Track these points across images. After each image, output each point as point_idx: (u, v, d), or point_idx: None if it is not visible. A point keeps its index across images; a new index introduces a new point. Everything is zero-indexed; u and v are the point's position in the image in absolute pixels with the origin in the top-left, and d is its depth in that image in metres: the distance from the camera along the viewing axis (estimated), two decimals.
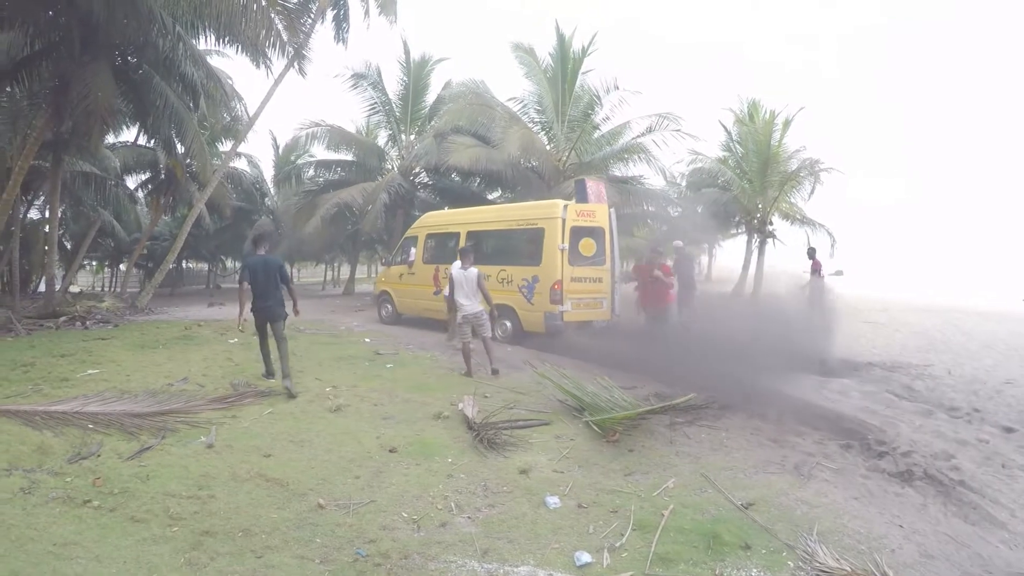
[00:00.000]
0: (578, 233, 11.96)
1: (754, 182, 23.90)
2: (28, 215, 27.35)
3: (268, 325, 8.83)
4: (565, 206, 12.01)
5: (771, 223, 24.89)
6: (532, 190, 22.01)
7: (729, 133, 26.75)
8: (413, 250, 15.47)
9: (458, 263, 10.00)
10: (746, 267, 26.68)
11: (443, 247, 14.52)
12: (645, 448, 6.39)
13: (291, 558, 4.17)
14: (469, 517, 4.87)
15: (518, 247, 11.64)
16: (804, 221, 26.43)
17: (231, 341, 12.22)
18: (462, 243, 13.22)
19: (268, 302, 8.67)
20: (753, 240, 26.53)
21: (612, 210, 12.81)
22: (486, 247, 12.88)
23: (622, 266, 14.00)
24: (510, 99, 21.79)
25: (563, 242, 11.67)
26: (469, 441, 6.48)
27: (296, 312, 9.20)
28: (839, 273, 40.02)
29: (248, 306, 8.70)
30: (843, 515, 4.85)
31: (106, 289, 38.17)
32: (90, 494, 5.04)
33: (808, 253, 15.27)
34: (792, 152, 24.06)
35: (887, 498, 5.26)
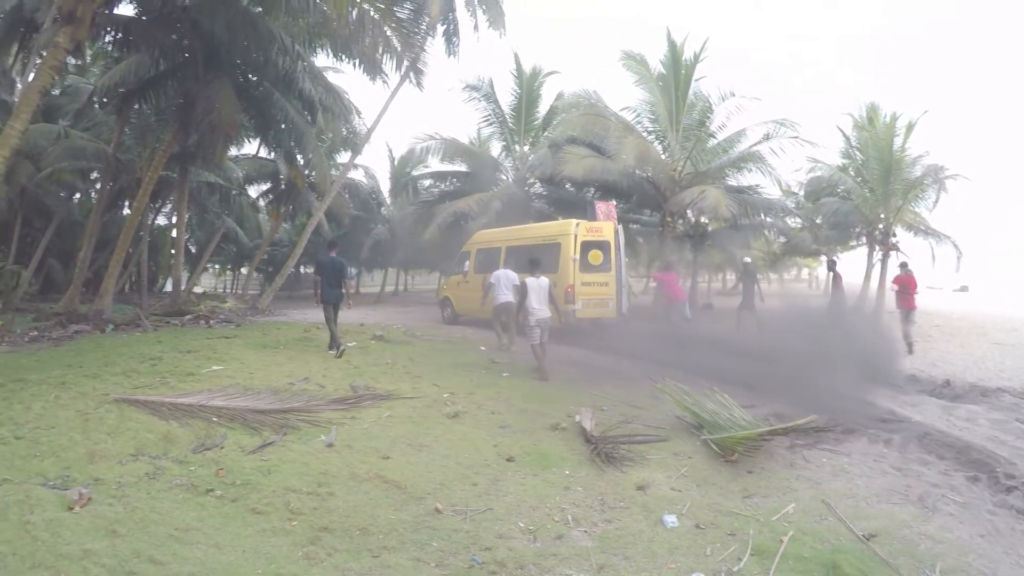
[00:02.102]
0: (587, 246, 14.32)
1: (875, 190, 22.62)
2: (155, 221, 28.97)
3: (333, 309, 11.65)
4: (577, 224, 14.55)
5: (894, 234, 23.46)
6: (647, 200, 21.60)
7: (848, 139, 25.48)
8: (467, 263, 18.33)
9: (508, 275, 12.38)
10: (867, 280, 25.25)
11: (489, 260, 16.65)
12: (764, 470, 6.02)
13: (407, 560, 4.08)
14: (585, 531, 4.66)
15: (542, 258, 12.56)
16: (928, 232, 24.65)
17: (349, 344, 12.33)
18: (503, 257, 15.66)
19: (333, 291, 11.66)
20: (874, 252, 25.16)
21: (620, 227, 15.22)
22: (519, 259, 14.16)
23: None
24: (623, 109, 21.39)
25: (575, 253, 14.10)
26: (586, 454, 6.24)
27: (348, 306, 12.49)
28: (963, 289, 37.39)
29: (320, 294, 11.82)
30: (968, 553, 4.39)
31: (227, 291, 39.87)
32: (212, 483, 5.08)
33: (901, 266, 15.40)
34: (915, 158, 22.64)
35: (1015, 536, 4.72)
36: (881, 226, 23.29)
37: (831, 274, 15.27)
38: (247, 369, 9.51)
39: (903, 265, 15.47)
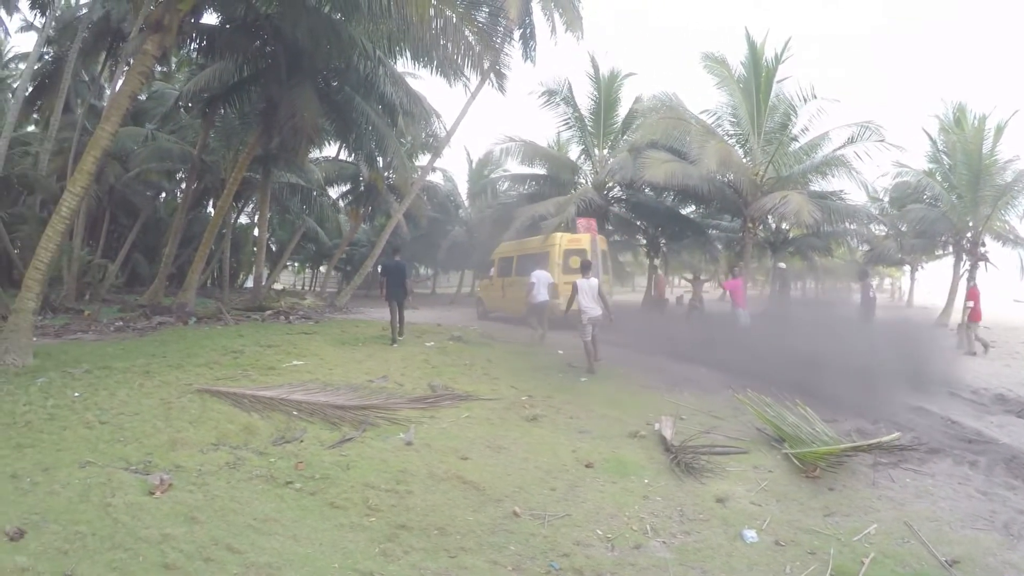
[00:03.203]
0: (569, 253, 17.05)
1: (964, 197, 21.48)
2: (238, 220, 29.79)
3: (397, 305, 12.82)
4: (561, 236, 17.72)
5: (983, 244, 22.21)
6: (728, 205, 21.03)
7: (934, 142, 24.33)
8: (492, 269, 21.37)
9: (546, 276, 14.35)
10: (953, 292, 24.04)
11: (506, 266, 20.25)
12: (846, 488, 5.69)
13: (484, 562, 3.98)
14: (664, 542, 4.49)
15: (538, 264, 15.88)
16: (1017, 242, 23.25)
17: (427, 344, 12.35)
18: (515, 264, 19.45)
19: (396, 290, 12.98)
20: (962, 262, 23.92)
21: (598, 238, 17.78)
22: (524, 265, 17.93)
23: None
24: (703, 112, 20.78)
25: (559, 259, 17.00)
26: (666, 463, 5.99)
27: (409, 303, 13.82)
28: (1019, 302, 35.10)
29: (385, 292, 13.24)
30: None
31: (306, 288, 40.69)
32: (292, 476, 5.07)
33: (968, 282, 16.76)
34: (1005, 162, 21.33)
35: None
36: (969, 234, 22.14)
37: (862, 284, 15.14)
38: (326, 365, 9.54)
39: (972, 279, 16.48)
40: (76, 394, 6.86)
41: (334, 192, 32.08)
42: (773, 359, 10.55)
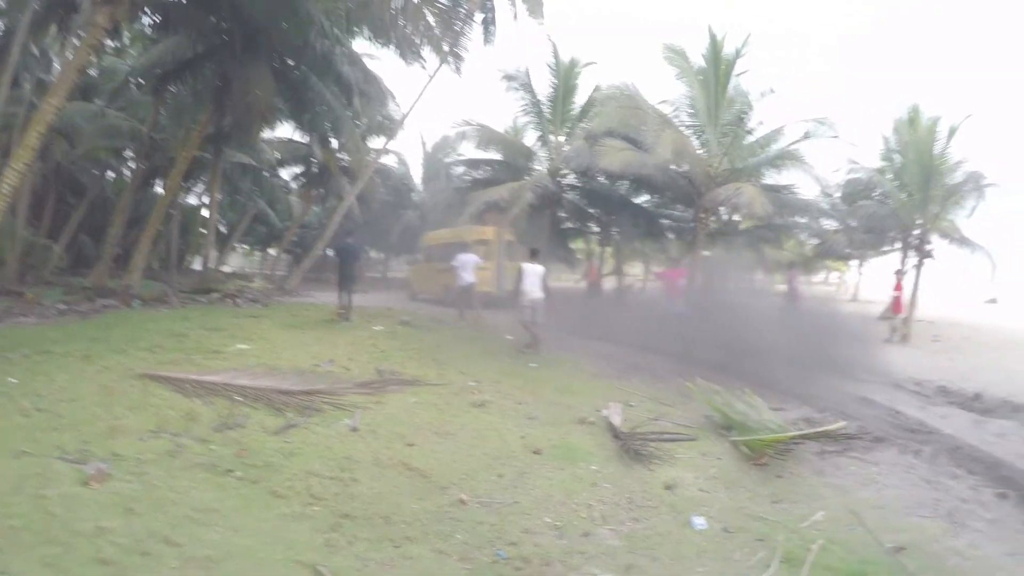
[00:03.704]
0: (476, 243, 19.63)
1: (914, 195, 21.95)
2: (186, 200, 29.16)
3: (348, 288, 13.32)
4: (472, 228, 20.63)
5: (930, 241, 22.77)
6: (681, 195, 21.15)
7: (887, 141, 24.76)
8: (419, 256, 24.24)
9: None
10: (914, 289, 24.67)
11: (432, 254, 22.93)
12: (793, 475, 5.85)
13: (430, 551, 3.97)
14: (613, 529, 4.56)
15: (456, 251, 17.09)
16: (962, 241, 23.85)
17: (376, 328, 12.23)
18: (439, 252, 21.74)
19: (348, 272, 13.50)
20: (906, 259, 24.53)
21: (497, 231, 20.92)
22: (445, 253, 19.83)
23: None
24: (661, 102, 20.70)
25: (471, 249, 17.97)
26: (614, 450, 6.08)
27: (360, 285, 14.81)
28: (993, 301, 36.17)
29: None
30: (996, 571, 4.25)
31: (257, 272, 40.02)
32: (233, 464, 4.98)
33: (896, 273, 17.97)
34: (955, 163, 21.86)
35: None
36: (917, 232, 22.66)
37: (788, 275, 17.24)
38: (273, 349, 9.40)
39: (897, 272, 18.04)
40: (13, 380, 6.59)
41: (287, 174, 31.59)
42: (695, 344, 11.58)
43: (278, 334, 10.81)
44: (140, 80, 20.63)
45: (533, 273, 11.40)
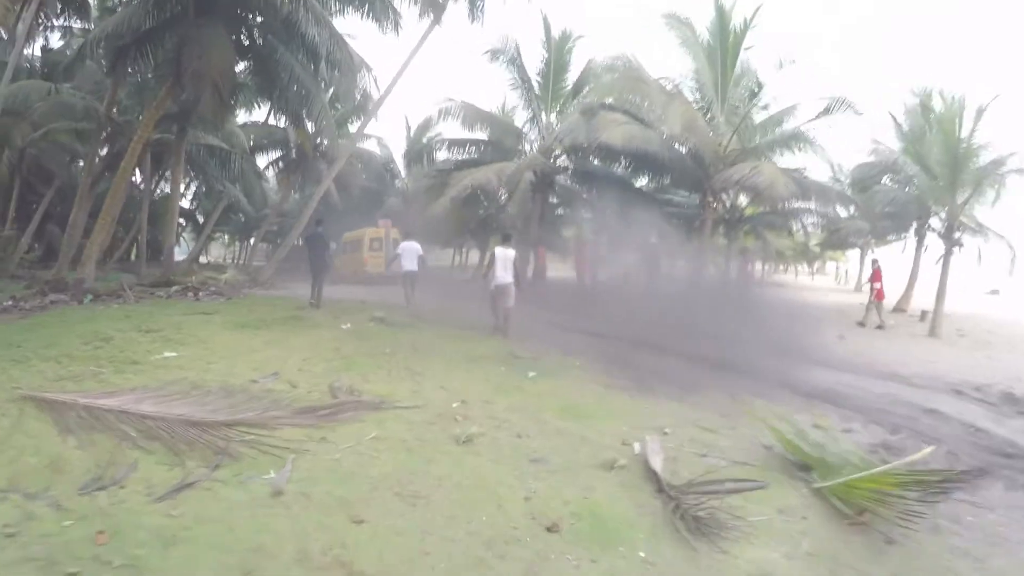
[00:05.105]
0: (372, 240, 24.11)
1: (940, 180, 20.29)
2: (160, 188, 27.62)
3: (320, 274, 13.53)
4: (368, 230, 24.52)
5: (959, 229, 21.12)
6: (687, 177, 19.41)
7: (899, 126, 23.16)
8: (334, 245, 24.32)
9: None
10: (914, 277, 23.35)
11: (348, 247, 26.19)
12: (907, 539, 4.11)
13: None
14: None
15: (361, 245, 23.67)
16: (977, 230, 22.21)
17: (343, 327, 10.56)
18: (351, 246, 25.71)
19: (317, 261, 13.59)
20: (922, 247, 23.23)
21: (389, 230, 24.01)
22: (354, 247, 25.13)
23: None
24: (661, 78, 19.11)
25: (367, 244, 24.01)
26: (662, 514, 4.17)
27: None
28: (995, 292, 34.85)
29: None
30: None
31: (235, 262, 38.40)
32: (81, 560, 3.18)
33: (873, 262, 17.96)
34: (980, 147, 20.21)
35: None
36: (943, 217, 20.92)
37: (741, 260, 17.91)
38: (208, 356, 7.65)
39: (875, 261, 18.02)
40: None
41: (264, 160, 30.09)
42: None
43: (224, 335, 9.11)
44: (98, 51, 18.64)
45: (504, 257, 11.20)
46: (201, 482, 4.06)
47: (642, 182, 22.30)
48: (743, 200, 22.10)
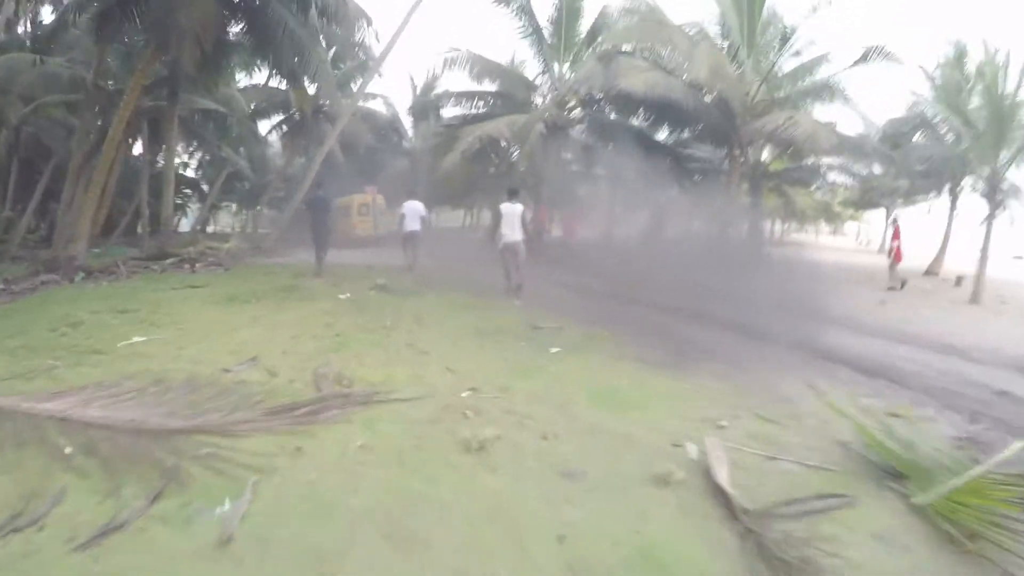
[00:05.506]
0: (360, 206, 25.44)
1: (983, 137, 18.96)
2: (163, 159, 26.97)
3: (323, 239, 13.15)
4: (357, 196, 25.37)
5: (1003, 189, 19.86)
6: (711, 129, 18.17)
7: (932, 80, 21.60)
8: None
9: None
10: (947, 238, 22.09)
11: (340, 212, 24.21)
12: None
13: None
14: None
15: (351, 211, 24.91)
16: (1010, 192, 21.01)
17: (341, 296, 9.73)
18: (343, 211, 24.66)
19: (321, 225, 13.24)
20: (955, 208, 22.00)
21: (376, 197, 25.78)
22: (346, 212, 24.93)
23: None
24: (683, 24, 17.79)
25: (356, 209, 25.28)
26: (739, 550, 3.14)
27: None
28: (1020, 258, 33.43)
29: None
30: None
31: (243, 230, 37.67)
32: None
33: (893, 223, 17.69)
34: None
35: None
36: (984, 175, 19.62)
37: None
38: (182, 339, 6.78)
39: (895, 219, 17.95)
40: None
41: (267, 124, 29.32)
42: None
43: (205, 313, 8.30)
44: (78, 15, 17.60)
45: (511, 214, 10.78)
46: (129, 524, 3.09)
47: (662, 135, 21.08)
48: (765, 155, 21.03)
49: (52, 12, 22.30)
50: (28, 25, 22.67)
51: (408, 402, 4.98)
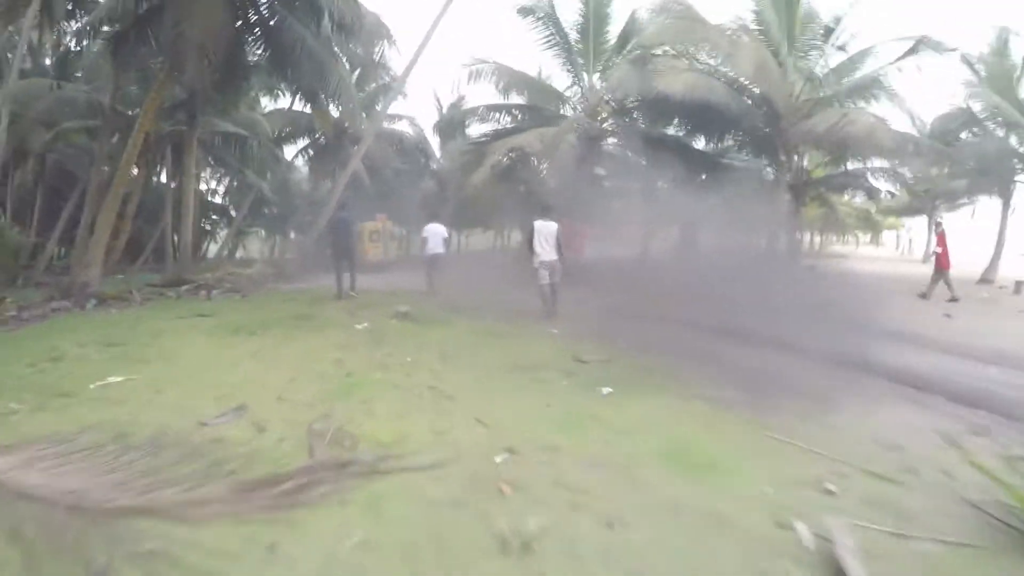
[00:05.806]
0: (374, 232, 24.49)
1: None
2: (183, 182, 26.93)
3: (347, 265, 12.87)
4: (368, 223, 23.67)
5: None
6: (753, 133, 17.16)
7: (976, 72, 20.48)
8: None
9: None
10: (1000, 244, 20.90)
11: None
12: None
13: None
14: None
15: (363, 237, 22.43)
16: None
17: (358, 327, 8.78)
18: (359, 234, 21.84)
19: (344, 245, 13.00)
20: (1008, 209, 21.06)
21: (385, 224, 25.34)
22: (360, 238, 21.43)
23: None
24: (719, 24, 16.91)
25: (367, 235, 23.55)
26: None
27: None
28: None
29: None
30: None
31: (271, 256, 37.64)
32: None
33: (936, 227, 15.90)
34: None
35: None
36: None
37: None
38: (163, 380, 5.87)
39: (938, 224, 16.33)
40: None
41: (293, 149, 29.65)
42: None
43: (201, 347, 7.45)
44: (93, 38, 17.40)
45: (546, 231, 10.38)
46: None
47: (699, 144, 20.12)
48: (806, 162, 19.96)
49: (70, 39, 22.37)
50: (51, 52, 22.59)
51: (424, 472, 3.77)
